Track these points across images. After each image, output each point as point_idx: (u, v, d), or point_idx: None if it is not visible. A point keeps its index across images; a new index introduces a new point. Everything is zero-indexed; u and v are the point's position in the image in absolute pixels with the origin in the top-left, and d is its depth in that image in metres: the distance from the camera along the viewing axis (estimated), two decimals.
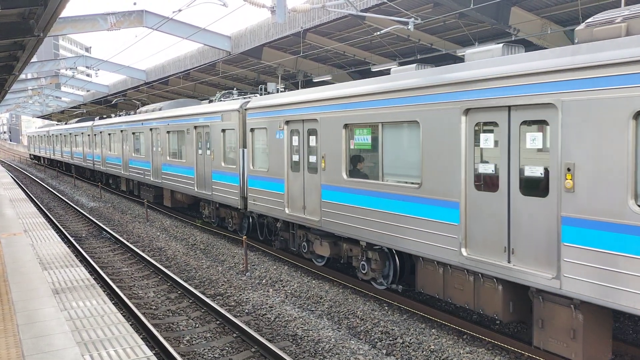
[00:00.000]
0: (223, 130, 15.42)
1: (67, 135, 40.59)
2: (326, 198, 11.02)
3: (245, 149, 14.31)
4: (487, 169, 7.68)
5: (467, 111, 7.87)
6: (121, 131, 26.06)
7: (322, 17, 17.07)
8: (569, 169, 6.54)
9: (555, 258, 6.75)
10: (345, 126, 10.38)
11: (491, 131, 7.59)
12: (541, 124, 6.97)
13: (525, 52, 7.64)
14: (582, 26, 6.86)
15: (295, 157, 12.17)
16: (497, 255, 7.53)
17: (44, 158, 55.69)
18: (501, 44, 8.09)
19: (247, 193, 14.16)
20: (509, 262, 7.37)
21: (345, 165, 10.53)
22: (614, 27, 6.47)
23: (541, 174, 6.97)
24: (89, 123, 33.72)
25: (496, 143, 7.52)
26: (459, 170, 7.98)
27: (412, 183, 9.01)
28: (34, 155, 62.08)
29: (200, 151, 17.10)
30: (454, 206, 8.08)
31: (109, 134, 28.45)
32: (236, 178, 14.76)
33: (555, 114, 6.71)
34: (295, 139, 12.20)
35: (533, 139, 7.05)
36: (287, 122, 12.37)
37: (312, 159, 11.61)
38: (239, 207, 14.68)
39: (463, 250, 8.02)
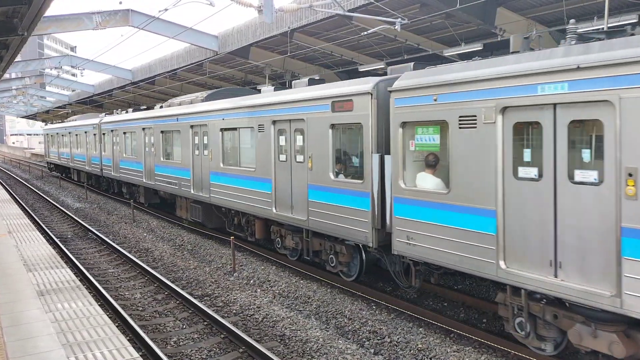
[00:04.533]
0: (333, 126, 10.58)
1: (66, 135, 35.27)
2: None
3: (384, 155, 9.42)
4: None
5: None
6: (143, 129, 20.98)
7: (310, 17, 17.06)
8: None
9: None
10: None
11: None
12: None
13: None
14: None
15: (528, 172, 7.10)
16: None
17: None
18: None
19: (393, 224, 9.16)
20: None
21: None
22: None
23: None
24: (95, 120, 28.60)
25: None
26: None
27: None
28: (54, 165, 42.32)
29: (283, 156, 12.19)
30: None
31: (124, 133, 23.37)
32: (362, 200, 9.83)
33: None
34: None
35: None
36: (503, 110, 7.29)
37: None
38: (371, 243, 9.68)
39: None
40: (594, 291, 6.24)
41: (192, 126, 16.62)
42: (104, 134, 26.61)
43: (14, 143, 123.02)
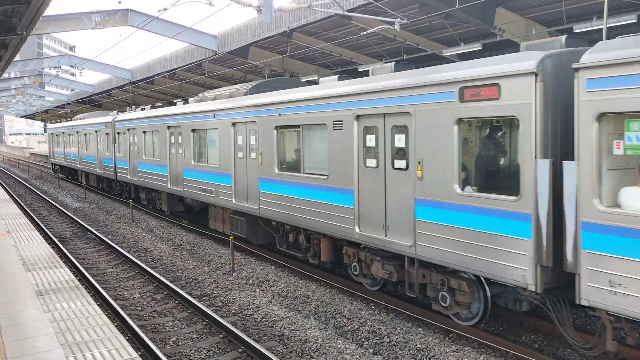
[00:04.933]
0: (460, 121, 7.89)
1: (73, 135, 32.54)
2: None
3: (560, 162, 6.82)
4: None
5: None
6: (168, 128, 18.36)
7: (309, 17, 17.06)
8: None
9: None
10: None
11: None
12: None
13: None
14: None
15: None
16: None
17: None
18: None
19: (580, 261, 6.56)
20: None
21: None
22: None
23: None
24: (107, 118, 25.99)
25: None
26: None
27: None
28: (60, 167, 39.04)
29: (372, 161, 9.56)
30: None
31: (144, 133, 20.80)
32: (517, 224, 7.20)
33: None
34: None
35: None
36: None
37: None
38: (533, 285, 7.02)
39: None
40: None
41: (234, 124, 13.98)
42: (118, 133, 23.87)
43: (12, 143, 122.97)
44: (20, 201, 25.59)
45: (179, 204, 19.77)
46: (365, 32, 15.89)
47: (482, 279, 8.10)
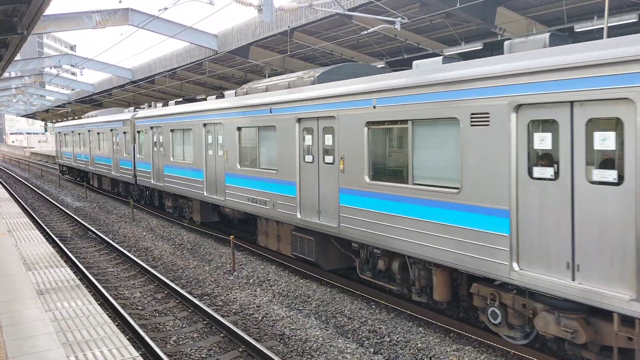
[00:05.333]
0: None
1: (83, 134, 30.24)
2: None
3: None
4: None
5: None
6: (204, 125, 15.76)
7: (310, 16, 17.05)
8: None
9: None
10: None
11: None
12: None
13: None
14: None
15: None
16: None
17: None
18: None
19: None
20: None
21: None
22: None
23: None
24: (125, 115, 23.45)
25: None
26: None
27: None
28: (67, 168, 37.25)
29: (543, 171, 6.87)
30: None
31: (172, 131, 18.25)
32: None
33: None
34: None
35: None
36: None
37: None
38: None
39: None
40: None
41: (299, 119, 11.45)
42: (138, 132, 21.46)
43: (13, 142, 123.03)
44: (20, 200, 25.60)
45: (213, 214, 17.26)
46: (365, 32, 15.89)
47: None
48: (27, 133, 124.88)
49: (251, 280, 12.08)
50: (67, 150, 34.83)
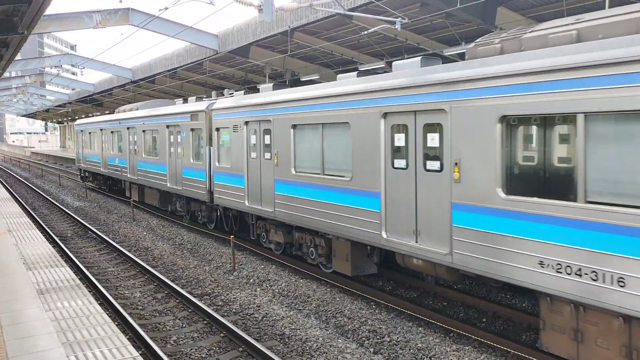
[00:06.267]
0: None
1: (120, 132, 24.33)
2: None
3: None
4: None
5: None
6: (384, 116, 9.38)
7: (310, 16, 17.06)
8: None
9: None
10: None
11: None
12: None
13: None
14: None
15: None
16: None
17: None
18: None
19: None
20: None
21: None
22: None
23: None
24: (194, 106, 16.79)
25: None
26: None
27: None
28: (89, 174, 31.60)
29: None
30: None
31: (295, 127, 11.84)
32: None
33: None
34: None
35: None
36: None
37: None
38: None
39: None
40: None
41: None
42: (218, 129, 15.28)
43: (14, 142, 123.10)
44: (21, 200, 25.62)
45: (369, 263, 11.09)
46: (366, 32, 15.89)
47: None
48: (27, 133, 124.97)
49: (251, 280, 12.08)
50: (93, 152, 28.66)
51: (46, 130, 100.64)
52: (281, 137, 12.25)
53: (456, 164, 8.01)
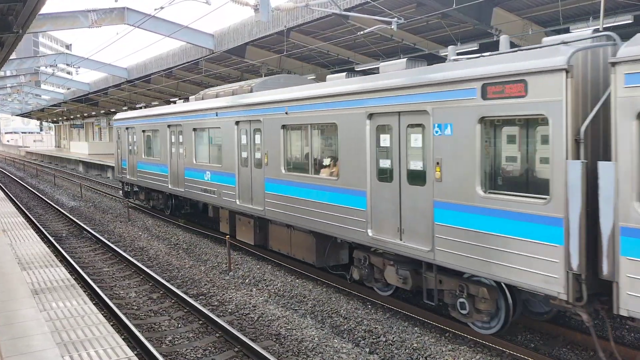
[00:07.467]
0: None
1: (202, 130, 15.94)
2: None
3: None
4: None
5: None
6: None
7: (306, 16, 17.05)
8: None
9: None
10: None
11: None
12: None
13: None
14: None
15: None
16: None
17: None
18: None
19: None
20: None
21: None
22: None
23: None
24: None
25: None
26: None
27: None
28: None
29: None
30: None
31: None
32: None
33: None
34: None
35: None
36: None
37: None
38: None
39: None
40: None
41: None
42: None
43: (8, 141, 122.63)
44: (16, 200, 25.51)
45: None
46: (362, 32, 15.89)
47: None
48: (22, 132, 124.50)
49: (247, 280, 12.07)
50: (150, 160, 19.89)
51: (41, 129, 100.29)
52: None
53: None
